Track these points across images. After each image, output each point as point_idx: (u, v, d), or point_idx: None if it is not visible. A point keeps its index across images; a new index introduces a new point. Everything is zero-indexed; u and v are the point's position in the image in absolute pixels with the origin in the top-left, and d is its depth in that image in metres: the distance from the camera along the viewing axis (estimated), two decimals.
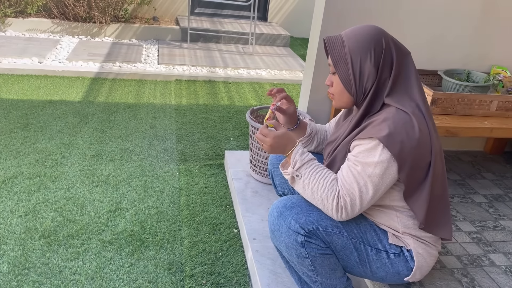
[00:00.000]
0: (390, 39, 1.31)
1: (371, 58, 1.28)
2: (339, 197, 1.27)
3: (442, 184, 1.37)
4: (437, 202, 1.36)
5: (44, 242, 1.94)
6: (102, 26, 5.29)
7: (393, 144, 1.22)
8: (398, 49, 1.31)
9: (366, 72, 1.29)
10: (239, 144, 3.06)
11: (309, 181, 1.30)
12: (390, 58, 1.29)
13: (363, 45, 1.28)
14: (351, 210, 1.27)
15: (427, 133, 1.27)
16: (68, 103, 3.46)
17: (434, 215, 1.36)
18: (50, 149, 2.74)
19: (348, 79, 1.31)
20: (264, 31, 5.82)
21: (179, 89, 4.04)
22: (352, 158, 1.28)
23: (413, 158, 1.24)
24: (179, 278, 1.81)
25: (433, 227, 1.37)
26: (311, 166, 1.32)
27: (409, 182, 1.28)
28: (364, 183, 1.25)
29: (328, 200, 1.27)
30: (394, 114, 1.25)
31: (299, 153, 1.33)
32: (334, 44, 1.32)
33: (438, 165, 1.32)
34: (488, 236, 1.88)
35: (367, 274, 1.42)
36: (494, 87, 2.35)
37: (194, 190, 2.43)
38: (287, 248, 1.36)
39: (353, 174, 1.26)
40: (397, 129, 1.22)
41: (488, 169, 2.53)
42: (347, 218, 1.29)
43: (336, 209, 1.27)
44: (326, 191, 1.28)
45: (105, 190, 2.37)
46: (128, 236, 2.02)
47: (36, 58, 4.30)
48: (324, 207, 1.29)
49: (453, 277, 1.60)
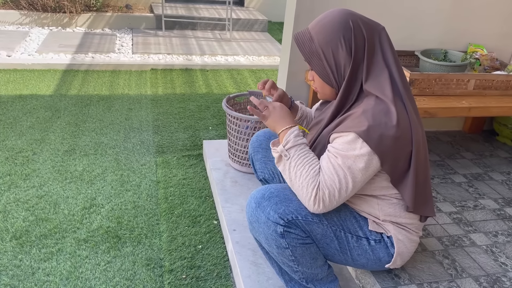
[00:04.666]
0: (359, 19, 1.26)
1: (342, 46, 1.23)
2: (318, 189, 1.22)
3: (425, 169, 1.35)
4: (421, 186, 1.34)
5: (15, 243, 1.86)
6: (73, 16, 5.11)
7: (372, 138, 1.18)
8: (368, 27, 1.26)
9: (342, 61, 1.25)
10: (218, 133, 2.99)
11: (295, 164, 1.25)
12: (362, 40, 1.24)
13: (332, 35, 1.24)
14: (329, 203, 1.23)
15: (408, 122, 1.24)
16: (38, 97, 3.34)
17: (418, 197, 1.34)
18: (21, 146, 2.63)
19: (325, 72, 1.28)
20: (241, 16, 5.71)
21: (155, 79, 3.93)
22: (332, 150, 1.24)
23: (395, 149, 1.21)
24: (158, 274, 1.76)
25: (417, 209, 1.35)
26: (302, 150, 1.27)
27: (394, 173, 1.26)
28: (344, 175, 1.21)
29: (308, 189, 1.23)
30: (373, 106, 1.21)
31: (294, 134, 1.28)
32: (303, 40, 1.29)
33: (421, 153, 1.29)
34: (469, 216, 1.88)
35: (348, 262, 1.40)
36: (471, 66, 2.33)
37: (172, 182, 2.36)
38: (267, 240, 1.32)
39: (333, 166, 1.22)
40: (376, 121, 1.19)
41: (467, 149, 2.53)
42: (323, 211, 1.24)
43: (314, 200, 1.23)
44: (308, 179, 1.23)
45: (79, 186, 2.29)
46: (104, 233, 1.96)
47: (4, 52, 4.13)
48: (302, 195, 1.24)
49: (434, 259, 1.59)
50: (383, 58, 1.26)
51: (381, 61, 1.26)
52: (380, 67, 1.26)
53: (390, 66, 1.26)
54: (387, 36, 1.28)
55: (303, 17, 2.24)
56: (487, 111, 2.06)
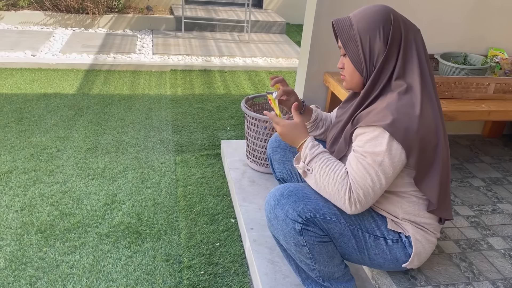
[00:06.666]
0: (398, 15, 1.29)
1: (379, 35, 1.26)
2: (351, 191, 1.25)
3: (447, 169, 1.36)
4: (444, 186, 1.35)
5: (40, 237, 1.93)
6: (96, 17, 5.23)
7: (397, 131, 1.20)
8: (406, 25, 1.29)
9: (376, 50, 1.27)
10: (235, 133, 3.03)
11: (319, 175, 1.29)
12: (399, 34, 1.27)
13: (372, 24, 1.27)
14: (365, 202, 1.26)
15: (432, 116, 1.26)
16: (62, 96, 3.43)
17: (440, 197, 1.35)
18: (45, 143, 2.72)
19: (359, 59, 1.30)
20: (260, 18, 5.75)
21: (174, 79, 4.00)
22: (359, 150, 1.25)
23: (420, 142, 1.23)
24: (177, 270, 1.80)
25: (438, 210, 1.36)
26: (321, 160, 1.30)
27: (420, 167, 1.27)
28: (375, 173, 1.23)
29: (340, 194, 1.26)
30: (396, 99, 1.23)
31: (309, 147, 1.32)
32: (343, 26, 1.31)
33: (444, 151, 1.31)
34: (487, 220, 1.88)
35: (365, 261, 1.41)
36: (491, 70, 2.32)
37: (191, 180, 2.41)
38: (285, 237, 1.35)
39: (363, 166, 1.24)
40: (400, 114, 1.20)
41: (486, 153, 2.52)
42: (362, 210, 1.28)
43: (349, 203, 1.26)
44: (337, 185, 1.26)
45: (101, 183, 2.36)
46: (125, 228, 2.01)
47: (29, 51, 4.25)
48: (337, 201, 1.28)
49: (451, 262, 1.60)
50: (417, 56, 1.28)
51: (415, 59, 1.28)
52: (413, 64, 1.28)
53: (423, 65, 1.28)
54: (421, 38, 1.31)
55: (323, 19, 2.27)
56: (507, 115, 2.05)
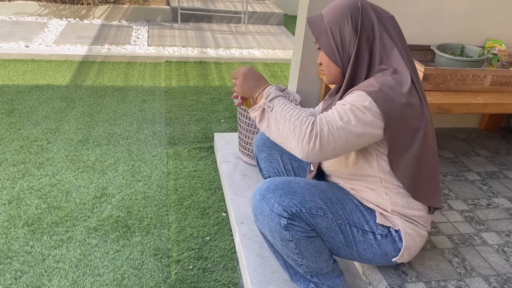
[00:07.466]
0: (367, 3, 1.30)
1: (348, 22, 1.26)
2: (315, 124, 1.13)
3: (433, 156, 1.33)
4: (430, 174, 1.32)
5: (27, 230, 1.90)
6: (91, 8, 5.16)
7: (381, 98, 1.17)
8: (378, 12, 1.29)
9: (347, 37, 1.26)
10: (229, 126, 2.99)
11: (281, 110, 1.18)
12: (369, 21, 1.27)
13: (340, 13, 1.27)
14: (326, 141, 1.13)
15: (418, 99, 1.24)
16: (55, 88, 3.38)
17: (424, 186, 1.32)
18: (36, 135, 2.68)
19: (331, 49, 1.29)
20: (257, 9, 5.69)
21: (169, 71, 3.95)
22: (339, 102, 1.21)
23: (401, 117, 1.19)
24: (165, 264, 1.77)
25: (422, 196, 1.33)
26: (286, 100, 1.24)
27: (394, 144, 1.22)
28: (347, 119, 1.15)
29: (302, 126, 1.13)
30: (385, 76, 1.22)
31: (274, 88, 1.26)
32: (314, 21, 1.33)
33: (429, 136, 1.28)
34: (481, 215, 1.84)
35: (354, 256, 1.38)
36: (488, 62, 2.27)
37: (182, 174, 2.38)
38: (271, 232, 1.32)
39: (337, 111, 1.17)
40: (387, 86, 1.19)
41: (483, 146, 2.48)
42: (319, 151, 1.13)
43: (309, 136, 1.12)
44: (300, 118, 1.15)
45: (91, 175, 2.32)
46: (114, 222, 1.98)
47: (22, 42, 4.20)
48: (295, 136, 1.14)
49: (443, 257, 1.57)
50: (392, 41, 1.27)
51: (391, 45, 1.27)
52: (393, 49, 1.26)
53: (399, 49, 1.27)
54: (396, 24, 1.30)
55: (317, 9, 2.22)
56: (503, 108, 2.01)
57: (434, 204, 1.37)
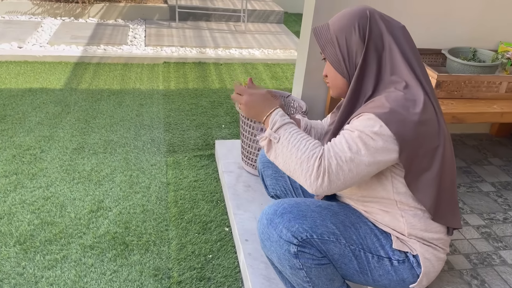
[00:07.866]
0: (376, 12, 1.21)
1: (355, 31, 1.18)
2: (322, 159, 1.07)
3: (452, 172, 1.23)
4: (448, 191, 1.23)
5: (19, 249, 1.79)
6: (86, 6, 5.03)
7: (393, 121, 1.07)
8: (386, 21, 1.20)
9: (354, 47, 1.18)
10: (231, 131, 2.89)
11: (288, 142, 1.12)
12: (378, 30, 1.18)
13: (347, 22, 1.19)
14: (335, 177, 1.07)
15: (434, 114, 1.14)
16: (48, 91, 3.27)
17: (444, 205, 1.23)
18: (29, 143, 2.57)
19: (337, 60, 1.21)
20: (257, 7, 5.56)
21: (167, 73, 3.83)
22: (347, 127, 1.13)
23: (417, 138, 1.10)
24: (166, 286, 1.67)
25: (442, 217, 1.24)
26: (292, 128, 1.15)
27: (410, 166, 1.13)
28: (357, 149, 1.07)
29: (310, 161, 1.07)
30: (396, 92, 1.12)
31: (279, 114, 1.18)
32: (320, 31, 1.25)
33: (448, 152, 1.19)
34: (498, 230, 1.75)
35: (369, 283, 1.29)
36: (502, 66, 2.17)
37: (182, 184, 2.27)
38: (279, 259, 1.22)
39: (346, 139, 1.09)
40: (399, 105, 1.09)
41: (495, 154, 2.38)
42: (328, 186, 1.07)
43: (317, 172, 1.06)
44: (307, 152, 1.08)
45: (86, 187, 2.22)
46: (111, 239, 1.88)
47: (15, 43, 4.07)
48: (302, 171, 1.08)
49: (462, 280, 1.47)
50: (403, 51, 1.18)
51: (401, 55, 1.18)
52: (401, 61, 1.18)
53: (410, 61, 1.18)
54: (407, 34, 1.22)
55: (323, 11, 2.11)
56: None
57: (453, 224, 1.28)
